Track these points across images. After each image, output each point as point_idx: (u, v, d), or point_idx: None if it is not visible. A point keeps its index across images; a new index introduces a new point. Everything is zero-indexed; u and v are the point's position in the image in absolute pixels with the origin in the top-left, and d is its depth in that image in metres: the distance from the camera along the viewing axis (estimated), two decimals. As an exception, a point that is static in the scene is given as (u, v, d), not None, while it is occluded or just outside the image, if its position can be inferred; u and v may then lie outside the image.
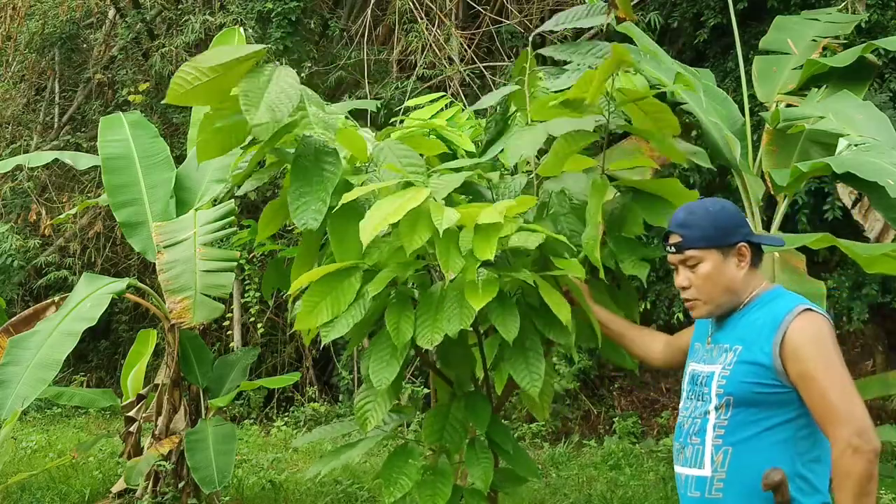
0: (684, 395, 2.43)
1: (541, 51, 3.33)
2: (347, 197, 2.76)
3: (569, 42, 3.29)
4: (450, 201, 2.85)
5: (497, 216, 2.63)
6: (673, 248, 2.38)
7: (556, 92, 3.32)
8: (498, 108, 3.40)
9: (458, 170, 3.13)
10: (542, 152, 3.05)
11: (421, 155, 3.12)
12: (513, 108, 3.39)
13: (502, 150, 3.28)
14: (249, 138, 3.12)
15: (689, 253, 2.36)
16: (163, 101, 3.05)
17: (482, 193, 3.19)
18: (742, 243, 2.36)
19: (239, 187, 3.30)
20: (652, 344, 2.83)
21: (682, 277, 2.38)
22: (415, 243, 2.70)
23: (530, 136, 2.96)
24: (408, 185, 2.84)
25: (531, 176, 3.18)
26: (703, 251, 2.35)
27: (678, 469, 2.38)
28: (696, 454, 2.31)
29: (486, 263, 2.67)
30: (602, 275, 2.88)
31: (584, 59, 3.19)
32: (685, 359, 2.52)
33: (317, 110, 2.91)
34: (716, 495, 2.26)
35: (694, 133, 4.12)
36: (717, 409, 2.28)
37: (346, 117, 3.41)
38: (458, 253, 2.71)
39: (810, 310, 2.26)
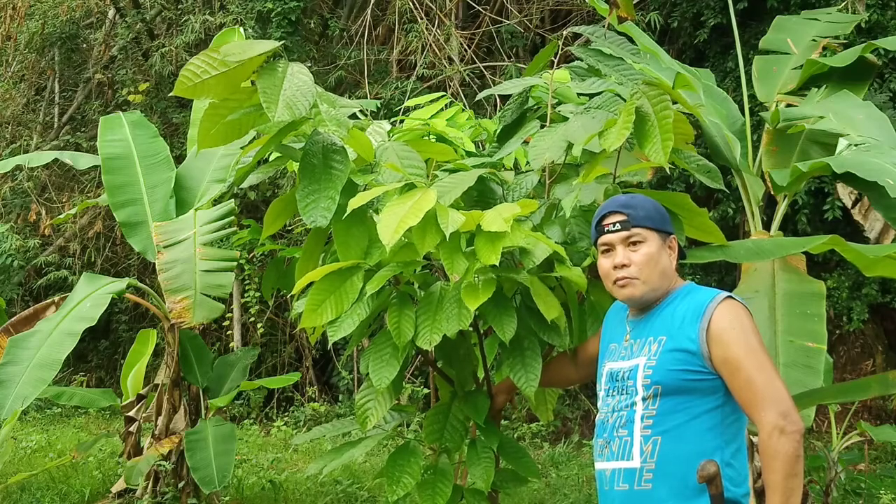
0: (602, 393, 2.43)
1: (572, 49, 3.34)
2: (354, 203, 2.75)
3: (598, 50, 3.27)
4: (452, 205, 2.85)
5: (502, 224, 2.63)
6: (618, 225, 2.39)
7: (579, 95, 3.33)
8: (518, 97, 3.39)
9: (477, 166, 3.13)
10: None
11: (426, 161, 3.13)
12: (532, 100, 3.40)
13: (518, 146, 3.32)
14: (253, 133, 3.12)
15: (634, 230, 2.38)
16: (164, 100, 3.05)
17: (493, 190, 3.20)
18: (673, 236, 2.45)
19: (240, 186, 3.30)
20: (564, 369, 2.94)
21: (621, 256, 2.38)
22: (427, 246, 2.70)
23: (551, 139, 2.96)
24: (410, 186, 2.84)
25: (543, 174, 3.17)
26: (648, 231, 2.38)
27: (602, 465, 2.37)
28: (624, 447, 2.31)
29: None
30: None
31: (610, 71, 3.18)
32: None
33: (328, 108, 2.90)
34: (645, 486, 2.26)
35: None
36: (644, 399, 2.29)
37: (362, 111, 3.41)
38: (461, 255, 2.72)
39: (731, 297, 2.31)
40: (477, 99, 3.93)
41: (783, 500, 2.12)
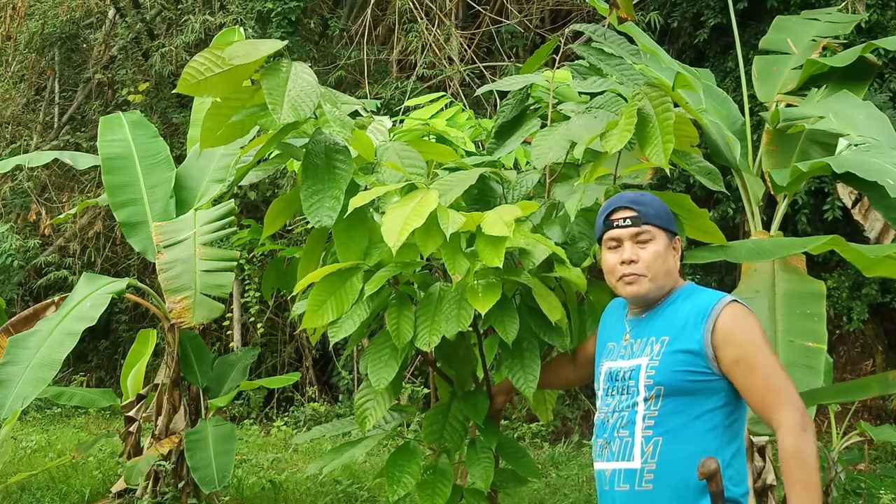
0: (601, 393, 2.43)
1: (573, 47, 3.33)
2: (355, 202, 2.75)
3: (599, 49, 3.26)
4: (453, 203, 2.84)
5: (503, 228, 2.63)
6: (628, 220, 2.39)
7: (580, 93, 3.33)
8: (518, 93, 3.39)
9: (477, 165, 3.14)
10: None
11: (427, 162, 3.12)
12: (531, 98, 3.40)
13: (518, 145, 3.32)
14: (254, 132, 3.11)
15: (644, 227, 2.38)
16: (164, 100, 3.04)
17: (494, 189, 3.19)
18: (678, 237, 2.46)
19: (240, 184, 3.29)
20: (563, 371, 2.94)
21: (630, 252, 2.38)
22: (430, 247, 2.70)
23: (553, 139, 2.96)
24: (411, 187, 2.84)
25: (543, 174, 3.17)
26: (657, 229, 2.39)
27: (602, 466, 2.37)
28: (625, 447, 2.31)
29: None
30: None
31: (611, 71, 3.18)
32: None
33: (332, 108, 2.89)
34: (646, 487, 2.26)
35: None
36: (646, 400, 2.29)
37: (365, 110, 3.41)
38: (463, 256, 2.72)
39: (736, 300, 2.32)
40: (476, 94, 3.92)
41: (816, 496, 2.13)
